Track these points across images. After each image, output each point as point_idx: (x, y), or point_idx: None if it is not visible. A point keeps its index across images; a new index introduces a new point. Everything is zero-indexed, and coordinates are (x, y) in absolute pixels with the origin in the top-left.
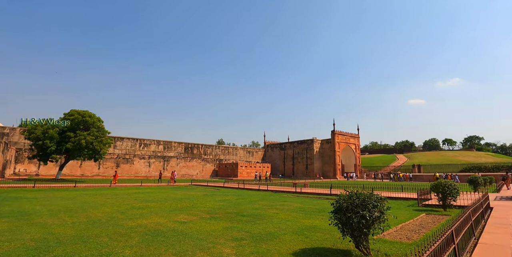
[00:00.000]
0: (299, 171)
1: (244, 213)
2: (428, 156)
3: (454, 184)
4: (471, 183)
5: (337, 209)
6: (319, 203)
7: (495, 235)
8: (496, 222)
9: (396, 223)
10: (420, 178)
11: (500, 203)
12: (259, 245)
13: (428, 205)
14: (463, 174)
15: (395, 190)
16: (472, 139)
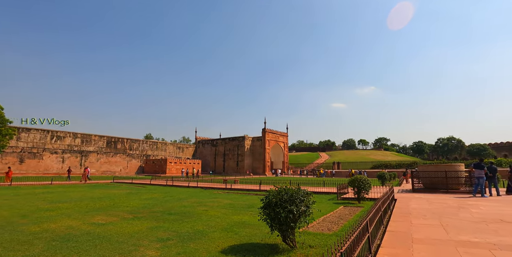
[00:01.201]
0: (230, 168)
1: (172, 211)
2: (346, 155)
3: (367, 179)
4: (380, 178)
5: (266, 204)
6: (249, 199)
7: (399, 223)
8: (399, 212)
9: (319, 216)
10: (339, 174)
11: (402, 195)
12: (187, 244)
13: (345, 198)
14: (373, 171)
15: (318, 185)
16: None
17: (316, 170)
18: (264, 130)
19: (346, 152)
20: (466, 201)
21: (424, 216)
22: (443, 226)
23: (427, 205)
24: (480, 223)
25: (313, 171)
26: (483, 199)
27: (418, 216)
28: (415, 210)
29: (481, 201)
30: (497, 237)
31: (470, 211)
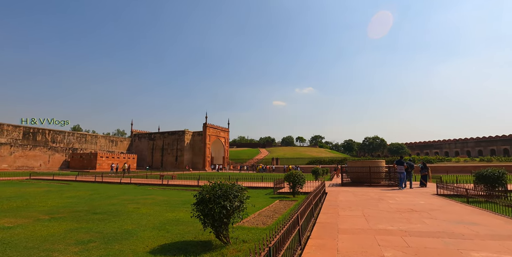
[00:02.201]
0: (168, 163)
1: (98, 210)
2: (285, 151)
3: (301, 174)
4: (314, 173)
5: (200, 200)
6: (186, 195)
7: (328, 215)
8: (329, 204)
9: (255, 210)
10: (278, 169)
11: (332, 188)
12: (111, 246)
13: (281, 193)
14: (309, 166)
15: (256, 180)
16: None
17: (256, 166)
18: (205, 125)
19: (285, 148)
20: (386, 194)
21: (349, 207)
22: (365, 216)
23: (353, 198)
24: (395, 213)
25: (253, 167)
26: (400, 191)
27: (344, 208)
28: (342, 202)
29: (398, 193)
30: (408, 224)
31: (388, 202)
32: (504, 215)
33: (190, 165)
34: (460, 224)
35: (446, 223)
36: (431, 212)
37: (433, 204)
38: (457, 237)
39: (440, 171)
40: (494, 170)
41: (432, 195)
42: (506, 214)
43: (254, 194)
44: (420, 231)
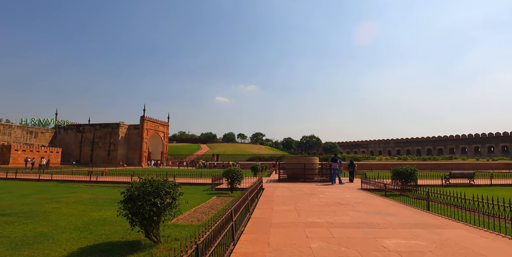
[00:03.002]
0: (99, 158)
1: (7, 211)
2: (226, 147)
3: (239, 170)
4: (253, 169)
5: (128, 198)
6: (117, 192)
7: (263, 210)
8: (265, 200)
9: (190, 207)
10: (219, 165)
11: (269, 184)
12: (20, 252)
13: (220, 189)
14: (249, 163)
15: (195, 177)
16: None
17: (196, 162)
18: (143, 118)
19: (226, 144)
20: (318, 189)
21: (284, 202)
22: (297, 210)
23: (288, 193)
24: (324, 206)
25: (193, 163)
26: (331, 186)
27: (279, 203)
28: (278, 197)
29: (329, 188)
30: (334, 217)
31: (319, 196)
32: (413, 206)
33: (125, 160)
34: (378, 215)
35: (367, 215)
36: (355, 205)
37: (357, 198)
38: (375, 227)
39: (365, 168)
40: (408, 167)
41: (357, 190)
42: (415, 205)
43: (191, 190)
44: (344, 222)
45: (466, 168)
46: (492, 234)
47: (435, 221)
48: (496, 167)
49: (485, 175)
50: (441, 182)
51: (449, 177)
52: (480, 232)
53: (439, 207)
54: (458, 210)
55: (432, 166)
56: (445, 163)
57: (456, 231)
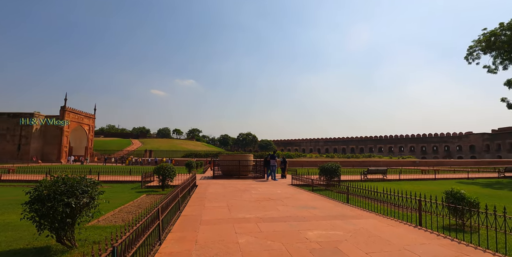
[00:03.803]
0: (6, 153)
1: None
2: (160, 143)
3: (172, 167)
4: (187, 166)
5: (35, 198)
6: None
7: (193, 207)
8: (197, 197)
9: (115, 207)
10: (153, 162)
11: (204, 181)
12: None
13: (150, 187)
14: (184, 159)
15: (124, 174)
16: (194, 131)
17: (126, 158)
18: (64, 108)
19: (161, 140)
20: (251, 185)
21: (216, 199)
22: (228, 207)
23: (221, 190)
24: (255, 202)
25: (123, 159)
26: (264, 182)
27: (211, 200)
28: (211, 194)
29: (262, 184)
30: (264, 212)
31: (251, 193)
32: (336, 200)
33: (40, 156)
34: (304, 208)
35: (294, 209)
36: (284, 199)
37: (287, 193)
38: (300, 220)
39: (297, 165)
40: (332, 164)
41: (288, 185)
42: (338, 199)
43: (118, 189)
44: (272, 217)
45: (381, 165)
46: (397, 222)
47: (352, 213)
48: (404, 164)
49: (395, 171)
50: (360, 178)
51: (367, 173)
52: (388, 221)
53: (357, 200)
54: (372, 202)
55: (355, 163)
56: (365, 161)
57: (369, 221)
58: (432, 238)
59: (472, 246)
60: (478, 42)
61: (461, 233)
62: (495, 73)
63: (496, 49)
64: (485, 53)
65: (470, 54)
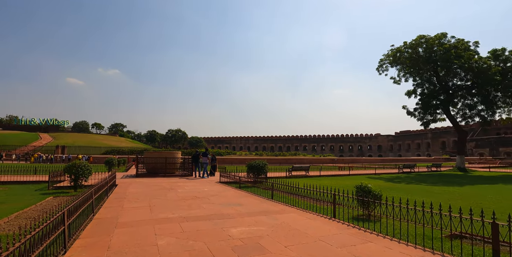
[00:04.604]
0: None
1: None
2: (76, 138)
3: (87, 165)
4: (107, 164)
5: None
6: None
7: (110, 209)
8: (115, 197)
9: (11, 212)
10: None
11: (125, 180)
12: None
13: (59, 187)
14: (104, 156)
15: (28, 173)
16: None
17: (31, 155)
18: None
19: (77, 135)
20: (178, 183)
21: (137, 199)
22: (150, 207)
23: (144, 189)
24: (180, 200)
25: (27, 156)
26: (191, 180)
27: (132, 200)
28: (132, 194)
29: (189, 182)
30: (188, 211)
31: (177, 191)
32: (261, 196)
33: None
34: (230, 206)
35: (220, 206)
36: (211, 197)
37: (214, 191)
38: (225, 217)
39: (227, 163)
40: (259, 162)
41: (216, 183)
42: (263, 195)
43: (18, 190)
44: (197, 215)
45: (305, 162)
46: (315, 215)
47: (276, 208)
48: (325, 161)
49: (317, 168)
50: (286, 174)
51: (291, 170)
52: (307, 214)
53: (281, 196)
54: (294, 197)
55: (282, 160)
56: (291, 158)
57: (290, 215)
58: (343, 228)
59: (375, 234)
60: (387, 56)
61: (367, 222)
62: (399, 84)
63: (400, 63)
64: (392, 66)
65: (381, 66)
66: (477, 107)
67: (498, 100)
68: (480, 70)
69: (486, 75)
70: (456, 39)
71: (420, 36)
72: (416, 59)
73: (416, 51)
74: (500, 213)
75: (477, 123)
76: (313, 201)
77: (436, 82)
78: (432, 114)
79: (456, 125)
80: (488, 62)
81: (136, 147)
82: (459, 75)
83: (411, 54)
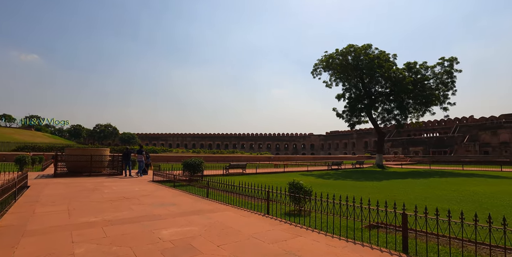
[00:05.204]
0: None
1: None
2: None
3: None
4: (18, 162)
5: None
6: None
7: (17, 215)
8: (26, 201)
9: None
10: None
11: (41, 180)
12: None
13: None
14: (16, 153)
15: None
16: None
17: None
18: None
19: None
20: (104, 183)
21: (53, 202)
22: (69, 210)
23: (63, 190)
24: (106, 202)
25: None
26: (120, 180)
27: (46, 203)
28: (47, 196)
29: (117, 182)
30: (115, 213)
31: (103, 192)
32: (196, 195)
33: None
34: (162, 206)
35: (151, 207)
36: (141, 198)
37: (146, 190)
38: (156, 218)
39: (163, 160)
40: (196, 160)
41: (149, 182)
42: (198, 194)
43: None
44: (124, 218)
45: (242, 160)
46: (249, 213)
47: (210, 207)
48: (262, 159)
49: (254, 165)
50: (223, 172)
51: (228, 168)
52: (242, 212)
53: (217, 194)
54: (230, 195)
55: (219, 158)
56: (228, 156)
57: (224, 214)
58: (276, 224)
59: (305, 228)
60: (321, 61)
61: (298, 217)
62: (331, 87)
63: (332, 69)
64: (325, 71)
65: (315, 70)
66: (393, 111)
67: (410, 106)
68: (397, 79)
69: (401, 84)
70: (379, 51)
71: (350, 45)
72: (346, 66)
73: (346, 58)
74: (409, 204)
75: (393, 125)
76: (249, 198)
77: (362, 87)
78: (357, 116)
79: (376, 127)
80: (403, 73)
81: (56, 143)
82: (380, 83)
83: (341, 61)
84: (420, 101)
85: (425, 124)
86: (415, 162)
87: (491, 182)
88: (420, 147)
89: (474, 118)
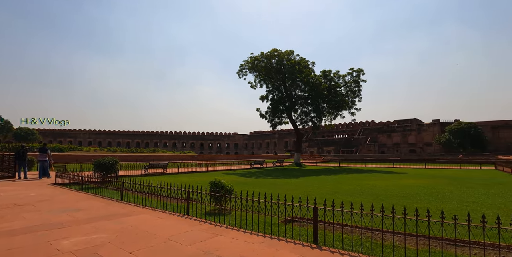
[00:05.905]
0: None
1: None
2: None
3: None
4: None
5: None
6: None
7: None
8: None
9: None
10: None
11: None
12: None
13: None
14: None
15: None
16: None
17: None
18: None
19: None
20: None
21: None
22: None
23: None
24: None
25: None
26: (12, 183)
27: None
28: None
29: (7, 186)
30: (0, 224)
31: None
32: (109, 198)
33: None
34: (64, 212)
35: (50, 214)
36: (38, 204)
37: (45, 195)
38: (55, 227)
39: (70, 160)
40: (109, 159)
41: (49, 185)
42: (111, 196)
43: None
44: (13, 229)
45: (164, 159)
46: (167, 214)
47: (124, 210)
48: (185, 158)
49: (176, 164)
50: (141, 172)
51: (148, 167)
52: (159, 214)
53: (132, 196)
54: (147, 197)
55: (139, 157)
56: (149, 155)
57: (139, 217)
58: (195, 225)
59: (225, 227)
60: (246, 63)
61: (219, 216)
62: (255, 89)
63: (257, 71)
64: (250, 72)
65: (241, 70)
66: (310, 114)
67: (325, 110)
68: (314, 85)
69: (318, 89)
70: (300, 57)
71: (274, 50)
72: (270, 69)
73: (270, 61)
74: (320, 198)
75: (310, 127)
76: (168, 199)
77: (284, 90)
78: (279, 117)
79: (295, 128)
80: (320, 80)
81: None
82: (300, 87)
83: (266, 64)
84: (333, 106)
85: (336, 127)
86: (328, 160)
87: (386, 177)
88: (332, 147)
89: (375, 123)
